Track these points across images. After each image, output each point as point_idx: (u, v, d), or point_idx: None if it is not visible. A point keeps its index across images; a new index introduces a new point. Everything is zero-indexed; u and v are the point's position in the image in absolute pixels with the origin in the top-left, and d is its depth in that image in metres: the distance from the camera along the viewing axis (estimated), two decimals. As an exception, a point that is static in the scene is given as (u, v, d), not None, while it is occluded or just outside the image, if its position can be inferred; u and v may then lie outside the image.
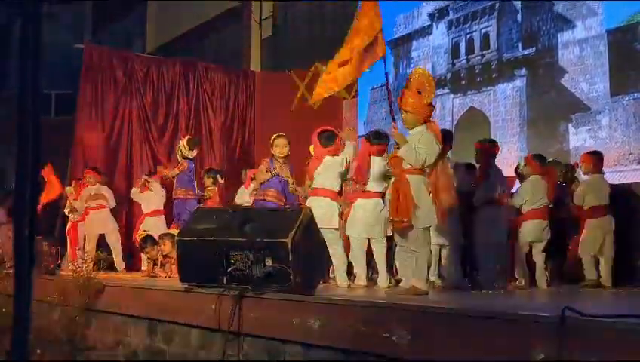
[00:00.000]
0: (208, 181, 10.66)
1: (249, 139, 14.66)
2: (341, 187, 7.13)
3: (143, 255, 9.97)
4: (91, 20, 22.17)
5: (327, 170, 6.95)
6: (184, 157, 9.57)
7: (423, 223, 5.41)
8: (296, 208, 5.34)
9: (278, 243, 4.82)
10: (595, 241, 8.06)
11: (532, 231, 7.89)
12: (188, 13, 18.31)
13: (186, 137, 10.18)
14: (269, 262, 4.86)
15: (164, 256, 9.17)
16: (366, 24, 6.09)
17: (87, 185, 10.98)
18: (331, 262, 7.08)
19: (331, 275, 8.03)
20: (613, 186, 8.36)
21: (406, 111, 5.54)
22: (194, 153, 9.90)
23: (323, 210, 6.56)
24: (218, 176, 10.78)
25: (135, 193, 10.92)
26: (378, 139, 7.22)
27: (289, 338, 4.41)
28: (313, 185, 7.01)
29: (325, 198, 6.87)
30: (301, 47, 15.67)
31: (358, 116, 13.54)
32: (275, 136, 7.83)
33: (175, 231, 8.90)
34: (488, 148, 7.89)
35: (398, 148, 5.55)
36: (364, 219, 7.08)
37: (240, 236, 5.05)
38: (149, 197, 10.69)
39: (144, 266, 9.91)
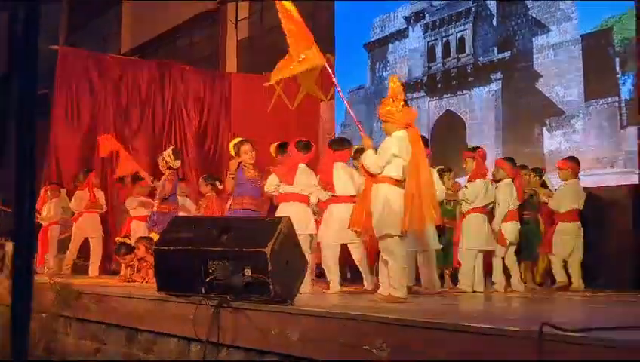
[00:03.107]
0: (206, 188, 10.29)
1: (224, 141, 14.62)
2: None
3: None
4: (66, 21, 21.97)
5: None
6: (169, 168, 9.35)
7: (385, 231, 5.42)
8: (275, 217, 5.32)
9: (257, 253, 4.80)
10: (567, 245, 8.25)
11: (512, 232, 8.03)
12: (163, 15, 18.21)
13: (170, 148, 9.99)
14: (248, 272, 4.85)
15: (140, 260, 9.13)
16: (294, 28, 6.21)
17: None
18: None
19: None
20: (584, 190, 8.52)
21: (384, 121, 5.58)
22: (178, 163, 9.52)
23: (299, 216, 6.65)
24: (217, 182, 10.30)
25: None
26: (339, 146, 7.34)
27: (268, 349, 4.40)
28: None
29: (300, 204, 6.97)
30: (278, 49, 15.64)
31: (335, 118, 13.57)
32: (237, 142, 7.67)
33: (154, 236, 8.89)
34: (484, 154, 7.99)
35: None
36: (337, 224, 7.09)
37: (218, 245, 5.03)
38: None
39: (123, 271, 9.84)
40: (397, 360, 3.53)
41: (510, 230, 8.00)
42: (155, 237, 8.89)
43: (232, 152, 7.64)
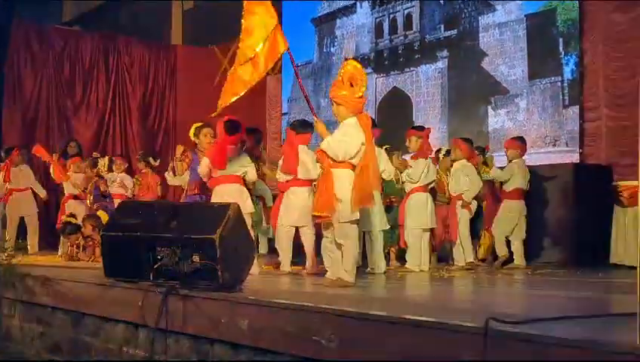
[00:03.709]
0: (141, 165, 10.68)
1: (169, 115, 14.48)
2: None
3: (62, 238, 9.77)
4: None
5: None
6: (98, 175, 9.56)
7: (348, 217, 5.46)
8: (224, 204, 5.29)
9: (206, 240, 4.79)
10: (510, 222, 8.45)
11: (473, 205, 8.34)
12: (107, -17, 17.79)
13: (107, 158, 10.11)
14: (196, 259, 4.84)
15: (86, 239, 9.03)
16: (257, 23, 6.02)
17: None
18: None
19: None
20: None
21: (337, 104, 5.54)
22: (107, 175, 10.00)
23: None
24: (151, 158, 10.71)
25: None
26: (303, 128, 7.27)
27: (217, 338, 4.41)
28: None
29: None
30: (224, 20, 15.45)
31: (282, 93, 13.52)
32: (199, 125, 7.54)
33: (101, 214, 8.85)
34: (429, 134, 8.06)
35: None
36: (296, 207, 7.13)
37: (167, 231, 5.01)
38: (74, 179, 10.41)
39: (61, 249, 9.67)
40: (346, 352, 3.59)
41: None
42: (102, 215, 8.84)
43: (191, 135, 7.55)
